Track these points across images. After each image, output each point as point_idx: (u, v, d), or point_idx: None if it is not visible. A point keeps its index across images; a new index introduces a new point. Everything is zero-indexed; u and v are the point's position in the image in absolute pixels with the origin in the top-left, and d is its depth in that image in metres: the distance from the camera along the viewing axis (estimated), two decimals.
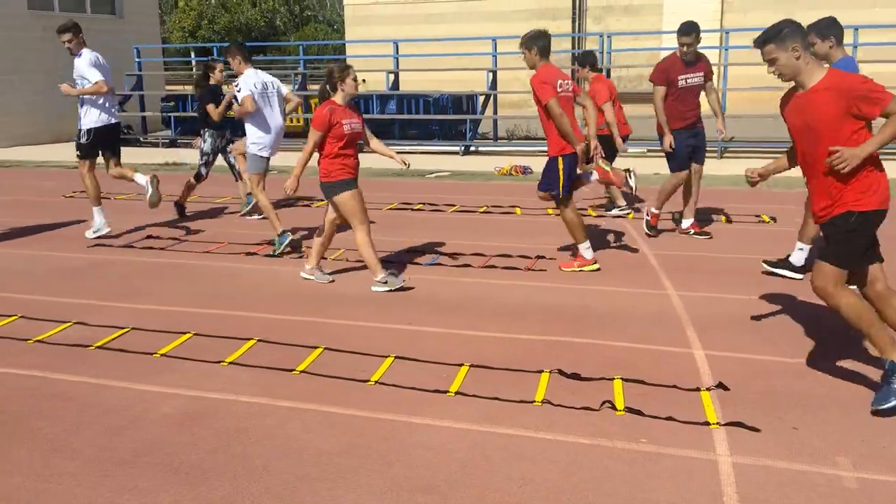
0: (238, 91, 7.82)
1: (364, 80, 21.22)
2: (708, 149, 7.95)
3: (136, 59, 19.01)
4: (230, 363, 4.76)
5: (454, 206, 9.83)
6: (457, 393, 4.27)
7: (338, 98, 6.19)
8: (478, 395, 4.23)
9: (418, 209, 9.70)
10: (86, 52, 7.97)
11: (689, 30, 7.33)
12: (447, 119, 16.29)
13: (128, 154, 10.15)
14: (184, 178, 9.74)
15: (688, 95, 7.50)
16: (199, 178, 9.26)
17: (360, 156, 6.41)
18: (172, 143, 17.60)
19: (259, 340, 5.12)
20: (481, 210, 9.59)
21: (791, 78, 4.02)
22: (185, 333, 5.27)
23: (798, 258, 6.41)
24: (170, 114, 18.41)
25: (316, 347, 4.97)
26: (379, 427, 3.91)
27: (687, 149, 7.58)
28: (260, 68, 8.36)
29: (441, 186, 11.44)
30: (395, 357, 4.79)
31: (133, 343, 5.11)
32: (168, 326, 5.42)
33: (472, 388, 4.33)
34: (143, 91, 19.00)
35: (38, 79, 17.41)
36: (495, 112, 16.81)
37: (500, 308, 5.79)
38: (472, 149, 15.79)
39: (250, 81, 7.76)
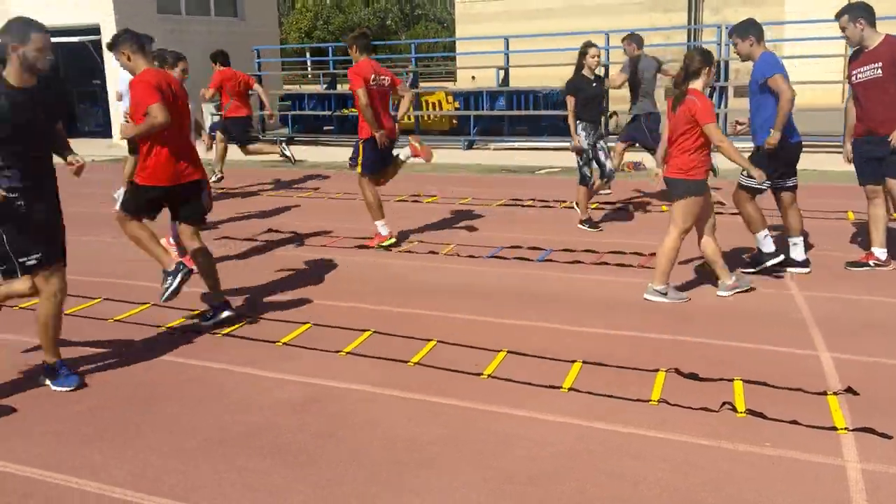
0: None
1: (473, 77, 21.38)
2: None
3: (256, 60, 19.73)
4: (348, 353, 4.90)
5: (565, 201, 9.75)
6: (570, 389, 4.25)
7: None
8: (591, 392, 4.19)
9: (528, 205, 9.68)
10: None
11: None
12: (557, 115, 16.14)
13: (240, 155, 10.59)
14: (297, 174, 10.04)
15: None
16: (585, 181, 8.20)
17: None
18: (289, 141, 18.18)
19: (375, 332, 5.24)
20: (592, 206, 9.46)
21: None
22: (305, 324, 5.45)
23: (798, 253, 6.32)
24: (287, 112, 19.02)
25: (430, 340, 5.04)
26: (485, 418, 3.94)
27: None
28: None
29: (551, 182, 11.36)
30: (508, 351, 4.81)
31: (257, 332, 5.34)
32: (288, 317, 5.62)
33: (585, 384, 4.30)
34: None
35: None
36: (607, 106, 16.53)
37: (613, 305, 5.72)
38: None
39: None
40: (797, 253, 6.34)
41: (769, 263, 6.19)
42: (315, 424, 3.94)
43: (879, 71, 5.99)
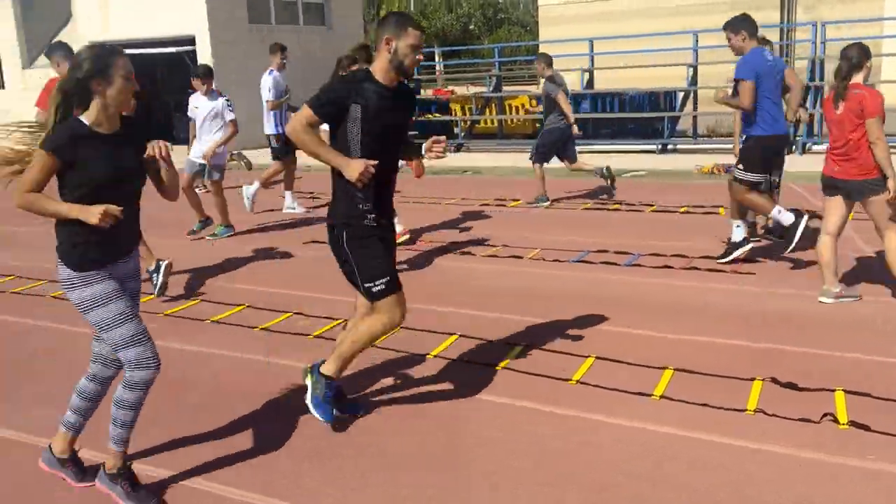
0: None
1: None
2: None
3: None
4: (435, 356, 4.94)
5: (652, 205, 9.60)
6: (661, 397, 4.18)
7: None
8: (684, 401, 4.11)
9: (615, 209, 9.56)
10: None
11: None
12: (643, 117, 15.90)
13: None
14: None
15: None
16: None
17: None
18: None
19: (460, 335, 5.27)
20: (681, 210, 9.29)
21: None
22: (453, 335, 5.45)
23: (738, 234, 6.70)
24: None
25: (517, 345, 5.04)
26: (574, 424, 3.91)
27: None
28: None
29: (638, 186, 11.20)
30: (596, 357, 4.76)
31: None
32: (436, 327, 5.57)
33: (677, 392, 4.22)
34: None
35: (256, 88, 18.86)
36: (695, 108, 16.20)
37: (704, 311, 5.59)
38: (670, 147, 15.31)
39: None
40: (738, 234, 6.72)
41: (797, 234, 6.17)
42: (421, 429, 3.98)
43: None
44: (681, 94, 16.16)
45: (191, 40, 18.84)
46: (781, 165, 6.95)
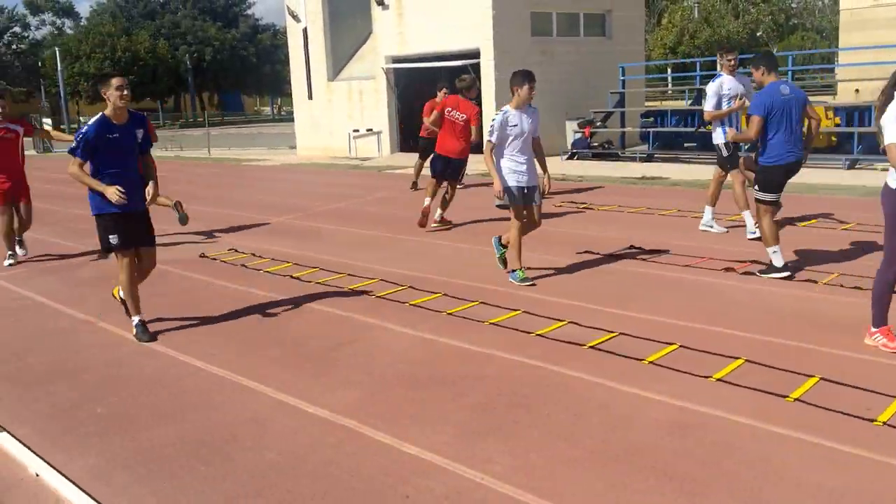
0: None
1: (857, 91, 19.33)
2: None
3: (621, 77, 19.94)
4: (717, 380, 4.72)
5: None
6: None
7: None
8: None
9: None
10: None
11: None
12: None
13: (608, 167, 10.68)
14: (658, 192, 9.86)
15: None
16: None
17: None
18: (649, 158, 18.07)
19: (747, 360, 4.98)
20: None
21: None
22: (671, 344, 5.37)
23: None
24: (648, 129, 18.93)
25: (811, 376, 4.66)
26: (890, 472, 3.52)
27: None
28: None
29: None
30: None
31: (621, 347, 5.38)
32: (654, 335, 5.57)
33: None
34: (625, 108, 19.85)
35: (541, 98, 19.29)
36: None
37: None
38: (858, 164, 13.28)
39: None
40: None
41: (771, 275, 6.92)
42: (698, 452, 3.84)
43: None
44: None
45: (476, 53, 19.71)
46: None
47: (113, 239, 5.88)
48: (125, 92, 5.75)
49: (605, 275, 7.51)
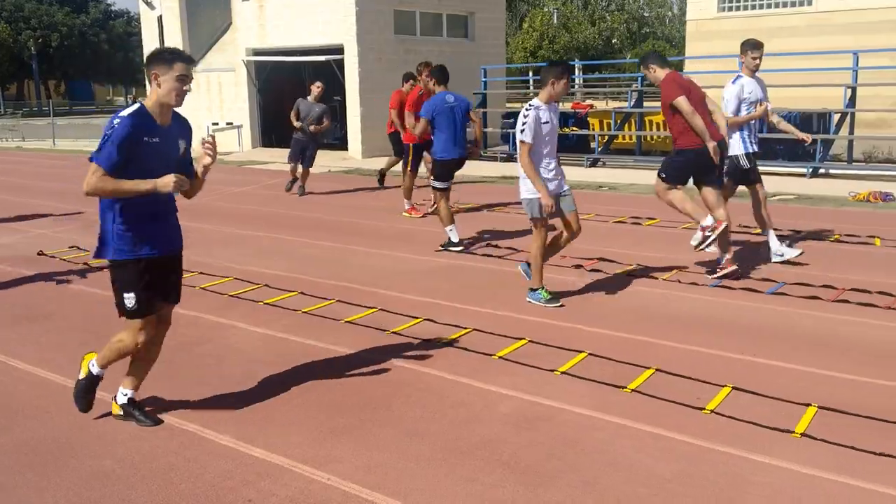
0: None
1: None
2: None
3: (482, 79, 20.30)
4: (562, 373, 4.88)
5: (800, 231, 9.13)
6: (803, 434, 3.96)
7: None
8: (829, 441, 3.87)
9: (757, 233, 9.14)
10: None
11: None
12: (792, 139, 15.12)
13: (468, 166, 10.86)
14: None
15: None
16: None
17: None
18: (510, 158, 18.48)
19: (590, 354, 5.19)
20: (832, 239, 8.78)
21: None
22: (520, 339, 5.51)
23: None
24: (509, 130, 19.35)
25: (647, 368, 4.91)
26: (714, 458, 3.76)
27: None
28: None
29: (784, 210, 10.68)
30: (733, 388, 4.57)
31: (474, 343, 5.47)
32: (505, 331, 5.70)
33: (821, 431, 3.98)
34: (487, 108, 20.22)
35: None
36: (851, 132, 15.29)
37: (853, 347, 5.25)
38: (822, 171, 14.52)
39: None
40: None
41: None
42: (543, 444, 3.94)
43: None
44: (836, 116, 15.31)
45: (339, 49, 19.53)
46: (712, 172, 7.02)
47: (136, 300, 4.04)
48: (187, 87, 3.91)
49: (458, 272, 7.62)
